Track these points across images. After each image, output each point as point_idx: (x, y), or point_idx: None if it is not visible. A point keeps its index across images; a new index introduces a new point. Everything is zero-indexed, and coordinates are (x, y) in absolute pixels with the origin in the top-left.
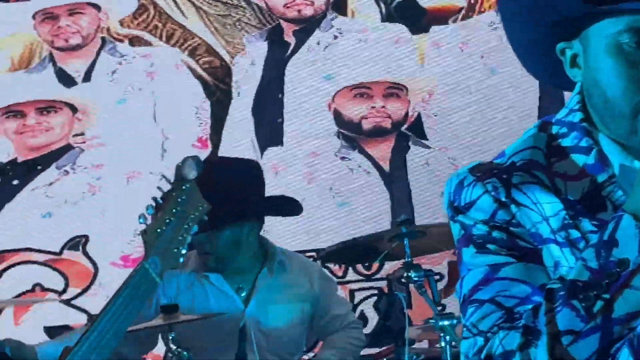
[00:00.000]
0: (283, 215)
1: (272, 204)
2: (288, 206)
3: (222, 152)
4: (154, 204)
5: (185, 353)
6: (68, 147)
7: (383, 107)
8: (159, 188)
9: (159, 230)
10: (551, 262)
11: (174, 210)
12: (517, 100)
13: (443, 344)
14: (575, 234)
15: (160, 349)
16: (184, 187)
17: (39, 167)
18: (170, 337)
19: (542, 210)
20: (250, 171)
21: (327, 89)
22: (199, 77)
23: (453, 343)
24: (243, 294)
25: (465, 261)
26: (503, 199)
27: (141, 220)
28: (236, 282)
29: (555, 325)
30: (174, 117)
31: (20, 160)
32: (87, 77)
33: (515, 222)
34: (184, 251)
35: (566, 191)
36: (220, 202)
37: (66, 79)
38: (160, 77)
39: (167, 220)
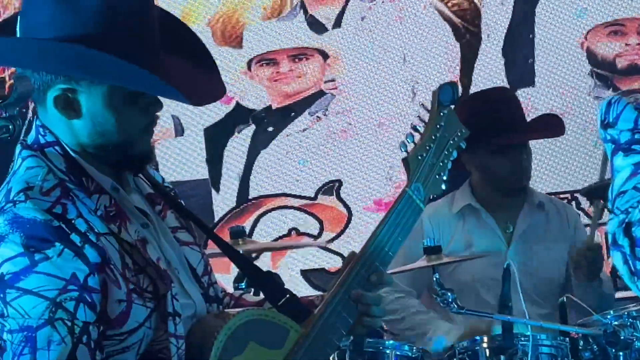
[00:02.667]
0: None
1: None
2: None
3: None
4: (413, 132)
5: (449, 294)
6: (320, 93)
7: (638, 44)
8: (418, 117)
9: (419, 157)
10: None
11: (433, 137)
12: None
13: None
14: None
15: None
16: (442, 113)
17: (293, 114)
18: (435, 279)
19: None
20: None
21: (580, 27)
22: (447, 19)
23: None
24: (509, 231)
25: (616, 166)
26: None
27: (403, 149)
28: (502, 219)
29: None
30: (423, 61)
31: (274, 107)
32: (337, 23)
33: None
34: (445, 177)
35: None
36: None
37: (317, 26)
38: (409, 20)
39: (428, 147)
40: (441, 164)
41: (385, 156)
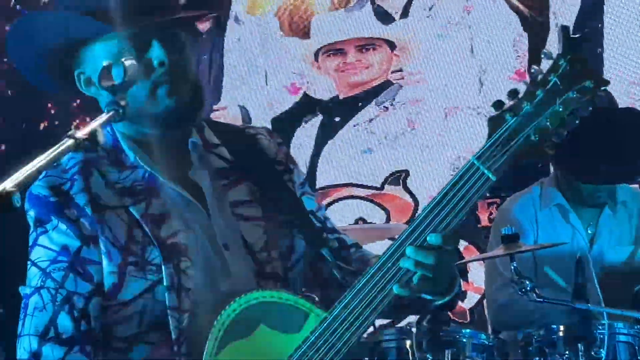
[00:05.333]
0: None
1: None
2: None
3: None
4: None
5: (527, 282)
6: (387, 84)
7: None
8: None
9: (506, 117)
10: None
11: (536, 94)
12: None
13: None
14: None
15: None
16: (561, 62)
17: (360, 104)
18: (512, 267)
19: None
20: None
21: None
22: (515, 9)
23: None
24: (590, 231)
25: None
26: None
27: (495, 108)
28: (585, 219)
29: None
30: (491, 51)
31: (341, 97)
32: (404, 13)
33: None
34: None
35: None
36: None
37: (384, 16)
38: (476, 10)
39: (522, 106)
40: (545, 122)
41: (452, 146)
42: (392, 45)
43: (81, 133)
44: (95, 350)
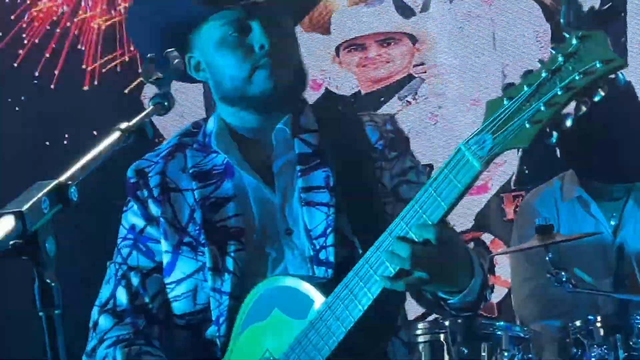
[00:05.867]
0: None
1: None
2: None
3: None
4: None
5: (563, 273)
6: (409, 78)
7: None
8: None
9: (504, 100)
10: None
11: (541, 75)
12: None
13: None
14: None
15: None
16: (572, 42)
17: (382, 99)
18: (548, 258)
19: None
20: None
21: None
22: (538, 0)
23: None
24: (613, 223)
25: None
26: None
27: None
28: (608, 210)
29: None
30: (514, 43)
31: (363, 92)
32: (425, 6)
33: None
34: (533, 127)
35: None
36: None
37: (405, 10)
38: (498, 2)
39: (522, 88)
40: (541, 108)
41: None
42: (413, 39)
43: (127, 125)
44: (152, 325)
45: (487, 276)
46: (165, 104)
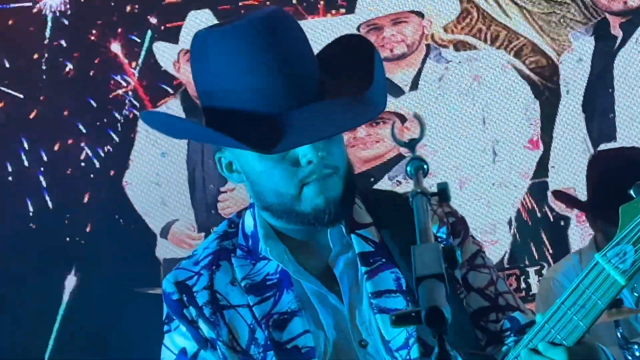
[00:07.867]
0: None
1: None
2: None
3: (554, 151)
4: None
5: (636, 347)
6: (399, 157)
7: None
8: None
9: None
10: None
11: None
12: None
13: None
14: None
15: None
16: None
17: (372, 179)
18: (619, 333)
19: None
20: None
21: None
22: (526, 77)
23: None
24: (636, 294)
25: None
26: None
27: (636, 192)
28: (630, 283)
29: None
30: (503, 120)
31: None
32: (414, 85)
33: None
34: None
35: None
36: None
37: (394, 89)
38: (486, 80)
39: None
40: None
41: (469, 215)
42: (402, 118)
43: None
44: None
45: None
46: None
